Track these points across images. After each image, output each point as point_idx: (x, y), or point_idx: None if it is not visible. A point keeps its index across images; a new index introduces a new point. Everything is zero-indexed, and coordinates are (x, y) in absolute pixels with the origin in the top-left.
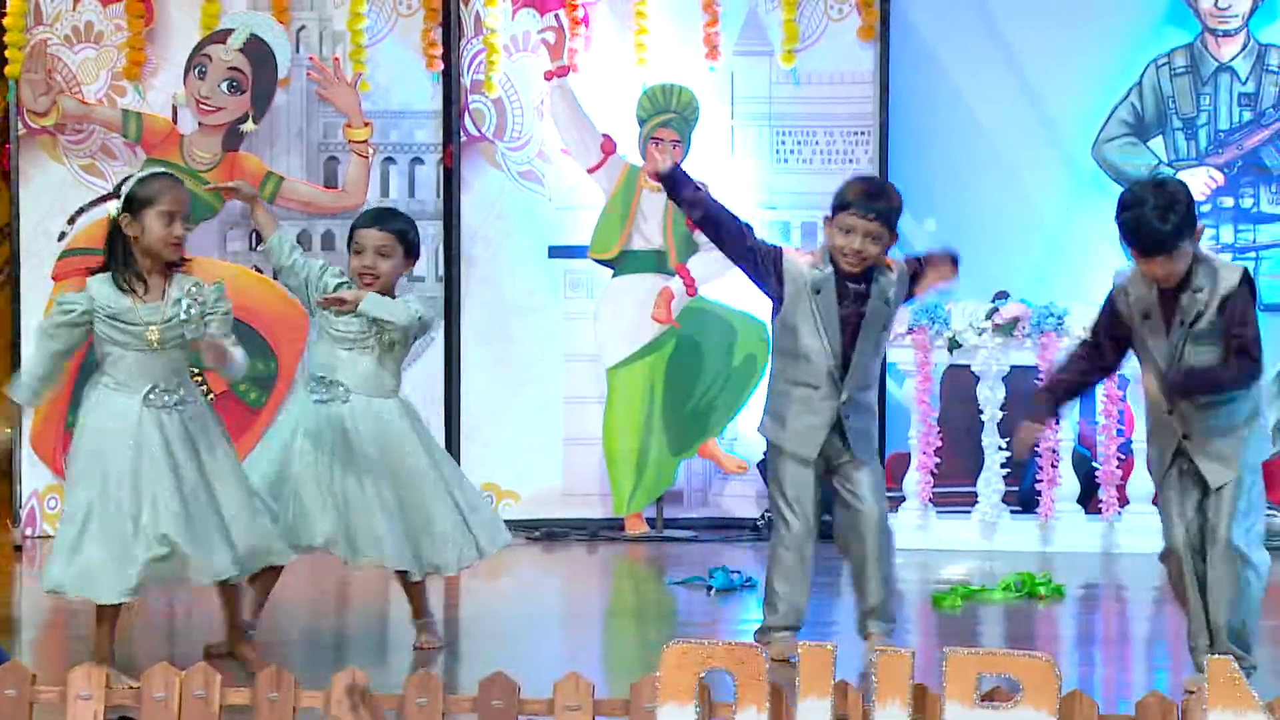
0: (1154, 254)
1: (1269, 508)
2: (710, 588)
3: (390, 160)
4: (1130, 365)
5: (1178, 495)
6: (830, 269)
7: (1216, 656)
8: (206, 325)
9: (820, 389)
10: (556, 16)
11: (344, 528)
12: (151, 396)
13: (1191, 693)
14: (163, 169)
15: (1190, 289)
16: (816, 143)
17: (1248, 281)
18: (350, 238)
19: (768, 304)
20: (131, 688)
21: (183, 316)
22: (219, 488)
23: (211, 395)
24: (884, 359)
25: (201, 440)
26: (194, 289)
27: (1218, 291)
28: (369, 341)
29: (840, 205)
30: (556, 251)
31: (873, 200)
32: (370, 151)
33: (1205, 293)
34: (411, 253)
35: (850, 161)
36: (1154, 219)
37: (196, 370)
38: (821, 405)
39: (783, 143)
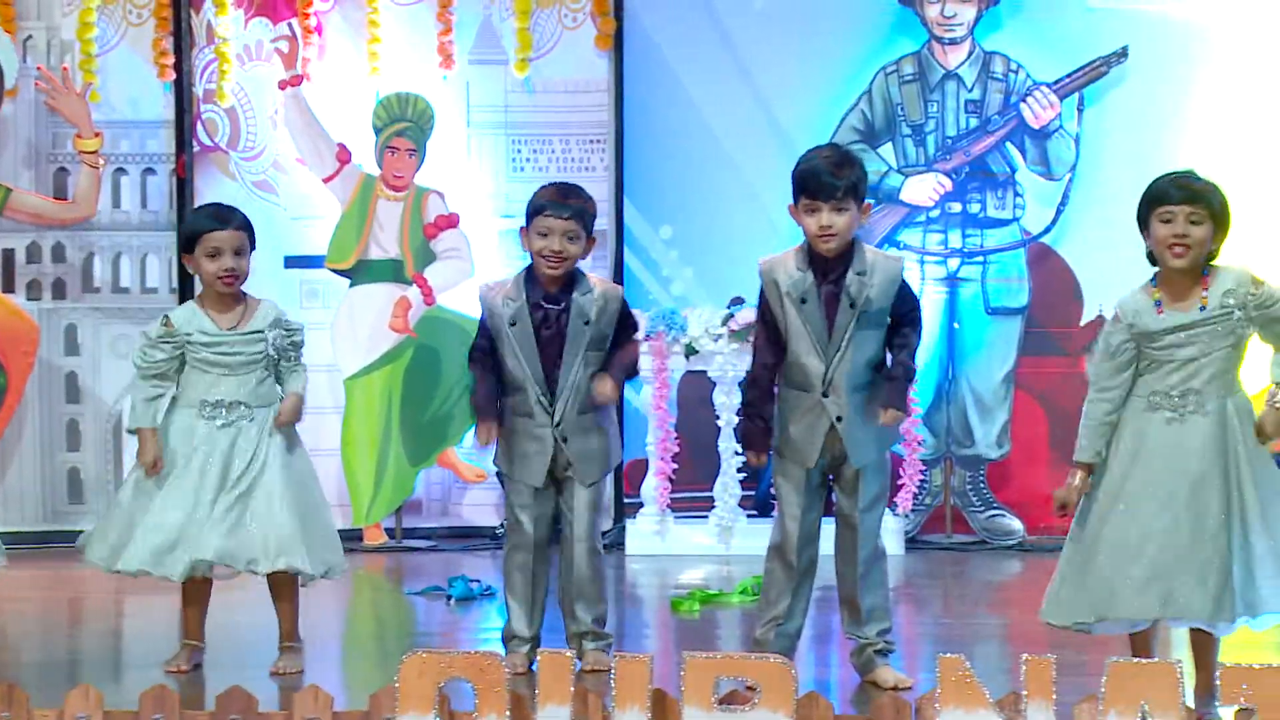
0: (822, 198)
1: (999, 508)
2: (449, 597)
3: (122, 171)
4: None
5: (807, 484)
6: (523, 298)
7: (948, 655)
8: None
9: (534, 416)
10: (289, 25)
11: (254, 539)
12: None
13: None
14: None
15: (854, 271)
16: (553, 151)
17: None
18: (195, 241)
19: None
20: None
21: None
22: None
23: None
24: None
25: None
26: None
27: (880, 278)
28: (260, 361)
29: (534, 211)
30: (292, 261)
31: (566, 199)
32: (101, 162)
33: (869, 276)
34: (254, 244)
35: (586, 169)
36: (827, 167)
37: None
38: (539, 431)
39: (519, 151)
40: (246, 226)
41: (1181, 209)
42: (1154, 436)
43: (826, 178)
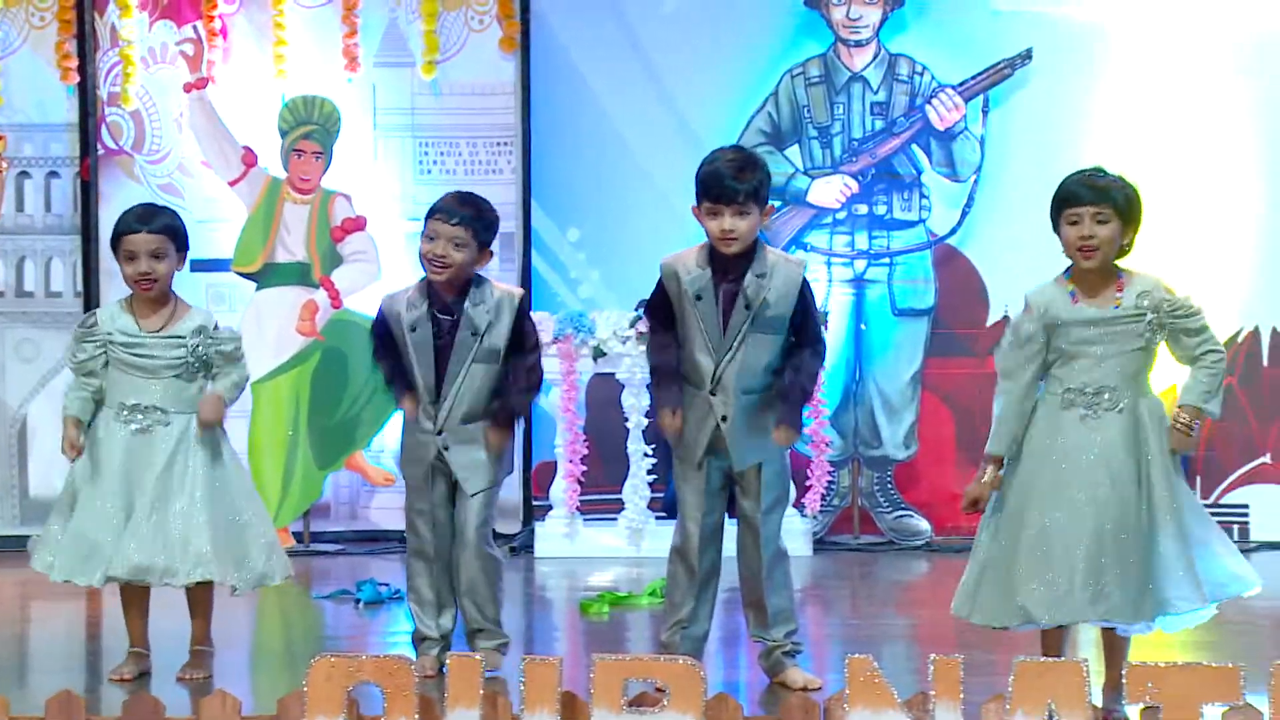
0: (724, 202)
1: (907, 508)
2: (358, 601)
3: (25, 174)
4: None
5: (707, 486)
6: (425, 306)
7: (856, 656)
8: None
9: (420, 421)
10: (194, 28)
11: (170, 551)
12: None
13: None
14: None
15: (753, 273)
16: (460, 153)
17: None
18: (115, 243)
19: None
20: None
21: None
22: None
23: None
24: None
25: None
26: None
27: (780, 281)
28: (179, 367)
29: (429, 213)
30: (198, 265)
31: (460, 207)
32: (4, 165)
33: (768, 279)
34: (184, 246)
35: (494, 172)
36: (730, 170)
37: None
38: (423, 437)
39: (426, 153)
40: (169, 230)
41: (1087, 209)
42: (1069, 434)
43: (729, 182)
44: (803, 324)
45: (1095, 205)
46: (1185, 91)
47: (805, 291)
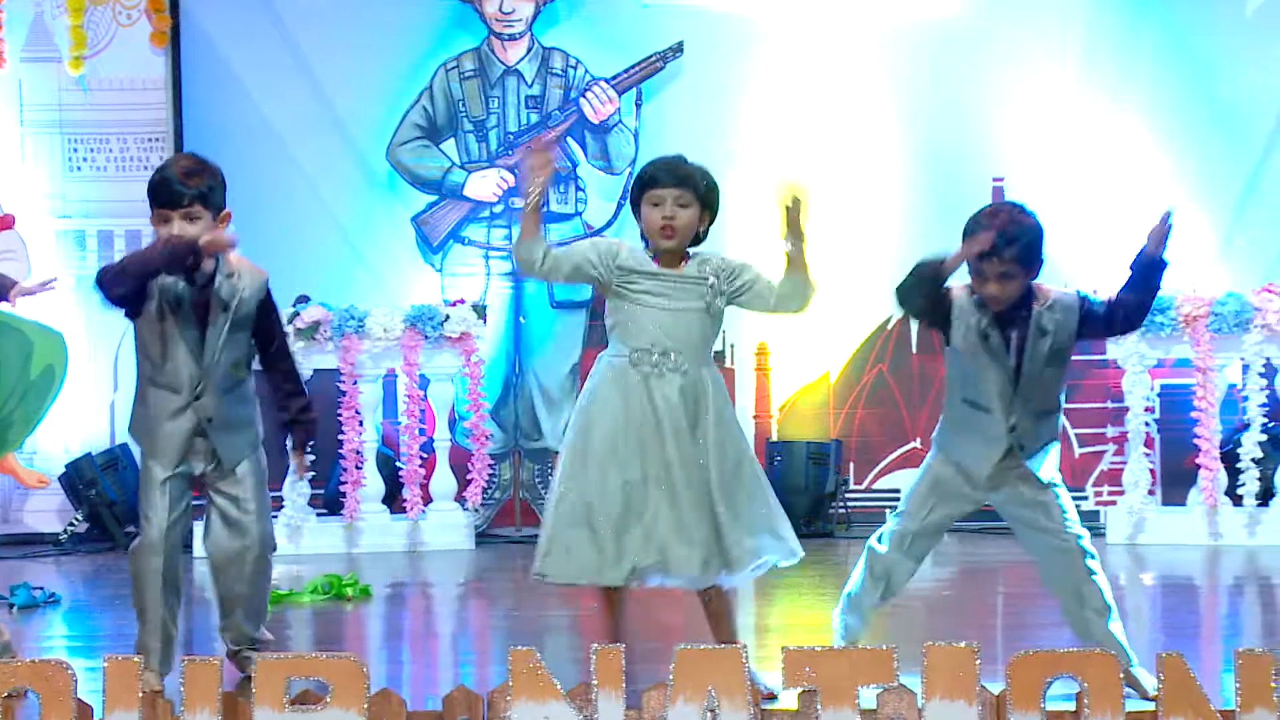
0: (172, 208)
1: None
2: (12, 605)
3: None
4: None
5: (167, 495)
6: None
7: (519, 648)
8: None
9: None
10: None
11: None
12: None
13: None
14: None
15: (222, 274)
16: (111, 150)
17: None
18: None
19: (67, 316)
20: None
21: None
22: None
23: None
24: None
25: None
26: None
27: (248, 280)
28: None
29: None
30: None
31: None
32: None
33: (237, 279)
34: None
35: (145, 168)
36: (177, 175)
37: None
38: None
39: (75, 150)
40: None
41: (670, 192)
42: (634, 394)
43: (176, 186)
44: (270, 328)
45: (679, 189)
46: (832, 83)
47: (269, 295)
